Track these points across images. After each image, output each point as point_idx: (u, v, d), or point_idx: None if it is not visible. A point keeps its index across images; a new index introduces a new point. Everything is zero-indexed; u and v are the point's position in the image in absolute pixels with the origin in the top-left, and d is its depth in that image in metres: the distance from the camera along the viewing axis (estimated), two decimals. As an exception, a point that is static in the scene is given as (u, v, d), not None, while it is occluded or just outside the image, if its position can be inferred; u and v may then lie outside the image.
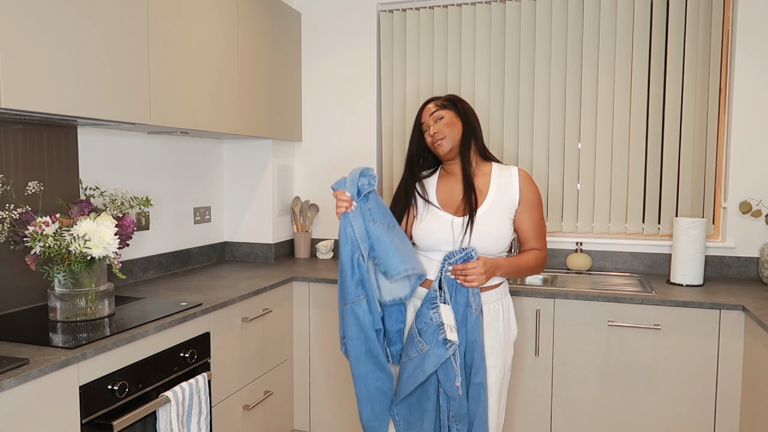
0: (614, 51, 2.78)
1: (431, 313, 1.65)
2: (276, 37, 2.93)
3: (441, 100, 1.85)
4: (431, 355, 1.62)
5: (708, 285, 2.47)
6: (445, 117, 1.82)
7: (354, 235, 1.67)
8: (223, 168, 3.15)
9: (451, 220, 1.77)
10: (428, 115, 1.84)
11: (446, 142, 1.80)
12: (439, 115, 1.82)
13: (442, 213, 1.79)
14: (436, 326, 1.63)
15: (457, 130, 1.81)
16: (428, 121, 1.83)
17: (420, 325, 1.67)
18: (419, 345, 1.65)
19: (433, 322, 1.63)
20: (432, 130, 1.81)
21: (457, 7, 2.98)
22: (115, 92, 1.88)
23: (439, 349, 1.61)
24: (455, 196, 1.81)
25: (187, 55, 2.24)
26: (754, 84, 2.59)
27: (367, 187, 1.70)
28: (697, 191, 2.74)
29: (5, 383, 1.29)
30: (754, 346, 2.05)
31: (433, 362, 1.62)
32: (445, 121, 1.81)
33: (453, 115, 1.82)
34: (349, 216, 1.68)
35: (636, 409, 2.28)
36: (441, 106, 1.84)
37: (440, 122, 1.81)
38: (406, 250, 1.69)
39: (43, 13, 1.62)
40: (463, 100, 1.88)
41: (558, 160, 2.89)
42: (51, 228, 1.72)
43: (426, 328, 1.64)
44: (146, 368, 1.74)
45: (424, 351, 1.63)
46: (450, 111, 1.83)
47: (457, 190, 1.82)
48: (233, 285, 2.44)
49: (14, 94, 1.54)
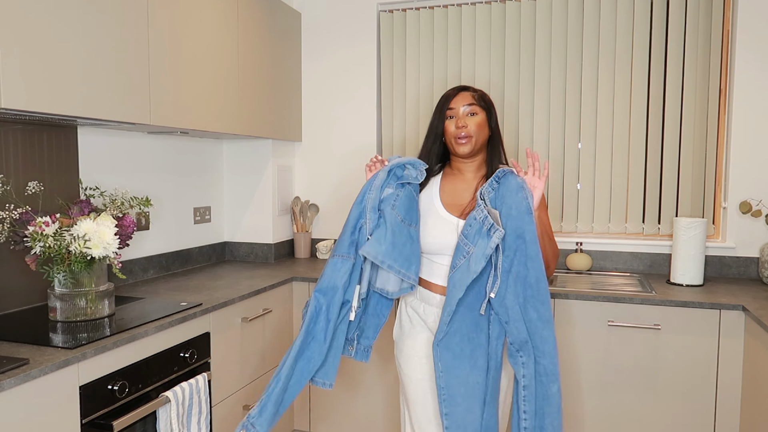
0: (614, 51, 2.78)
1: (475, 213, 1.56)
2: (276, 37, 2.93)
3: (478, 95, 1.72)
4: (477, 251, 1.52)
5: (708, 285, 2.47)
6: (478, 115, 1.70)
7: (365, 202, 1.63)
8: (223, 168, 3.15)
9: (456, 223, 1.66)
10: (462, 103, 1.70)
11: (471, 143, 1.68)
12: (473, 110, 1.69)
13: (446, 215, 1.69)
14: (480, 223, 1.54)
15: (484, 136, 1.71)
16: (459, 110, 1.70)
17: (466, 231, 1.57)
18: (465, 248, 1.55)
19: (477, 220, 1.55)
20: (461, 122, 1.68)
21: (457, 7, 2.98)
22: (115, 92, 1.88)
23: (484, 240, 1.52)
24: (461, 197, 1.71)
25: (187, 55, 2.24)
26: (754, 84, 2.59)
27: (408, 178, 1.66)
28: (697, 191, 2.74)
29: (5, 383, 1.29)
30: (754, 346, 2.05)
31: (479, 258, 1.51)
32: (476, 120, 1.69)
33: (485, 118, 1.71)
34: (373, 180, 1.65)
35: (636, 409, 2.28)
36: (477, 101, 1.71)
37: (472, 118, 1.69)
38: (408, 251, 1.61)
39: (43, 13, 1.62)
40: (491, 101, 1.77)
41: (558, 160, 2.89)
42: (51, 228, 1.72)
43: (470, 229, 1.56)
44: (146, 368, 1.74)
45: (470, 253, 1.53)
46: (484, 112, 1.71)
47: (464, 191, 1.72)
48: (233, 285, 2.44)
49: (14, 94, 1.54)
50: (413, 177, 1.67)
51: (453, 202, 1.71)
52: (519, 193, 1.55)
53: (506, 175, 1.59)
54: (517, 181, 1.57)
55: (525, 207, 1.54)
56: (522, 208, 1.53)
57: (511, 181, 1.58)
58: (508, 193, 1.56)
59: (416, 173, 1.67)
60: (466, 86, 1.75)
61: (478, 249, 1.52)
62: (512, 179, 1.58)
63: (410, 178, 1.66)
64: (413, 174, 1.67)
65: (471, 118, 1.68)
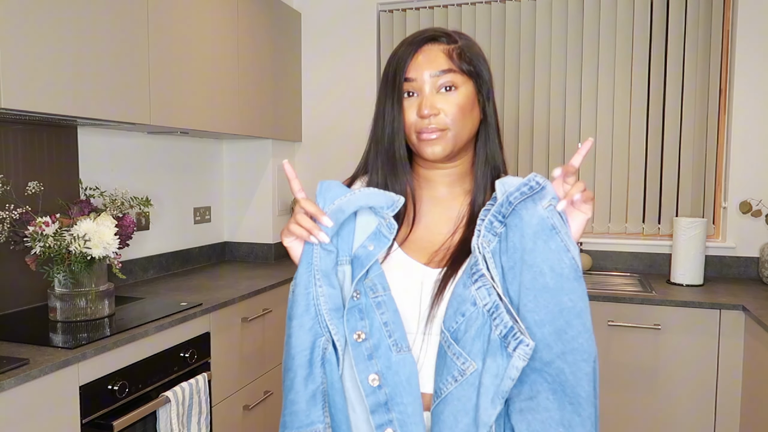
0: (614, 51, 2.78)
1: (472, 291, 0.85)
2: (276, 37, 2.93)
3: (456, 48, 0.95)
4: (487, 379, 0.83)
5: (708, 285, 2.47)
6: (458, 89, 0.94)
7: (317, 301, 0.89)
8: (223, 168, 3.15)
9: (422, 274, 0.95)
10: (428, 69, 0.94)
11: (445, 141, 0.94)
12: (449, 80, 0.94)
13: (406, 259, 0.97)
14: (483, 315, 0.84)
15: (470, 125, 0.96)
16: (423, 82, 0.94)
17: (452, 325, 0.87)
18: (458, 363, 0.85)
19: (477, 308, 0.85)
20: (427, 105, 0.93)
21: (457, 7, 2.98)
22: (115, 92, 1.88)
23: (496, 357, 0.83)
24: (433, 231, 0.99)
25: (187, 55, 2.24)
26: (754, 84, 2.59)
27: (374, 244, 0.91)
28: (697, 191, 2.74)
29: (5, 383, 1.29)
30: (754, 346, 2.04)
31: (493, 395, 0.82)
32: (456, 99, 0.94)
33: (471, 93, 0.96)
34: (313, 255, 0.91)
35: (636, 409, 2.28)
36: (457, 62, 0.95)
37: (447, 96, 0.94)
38: None
39: (43, 13, 1.62)
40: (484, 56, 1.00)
41: (558, 160, 2.88)
42: (51, 228, 1.72)
43: (463, 326, 0.85)
44: (146, 368, 1.74)
45: (469, 372, 0.84)
46: (470, 81, 0.96)
47: (439, 220, 1.01)
48: (233, 285, 2.43)
49: (14, 94, 1.54)
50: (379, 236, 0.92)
51: (420, 238, 0.99)
52: (552, 240, 0.83)
53: (523, 201, 0.86)
54: (544, 215, 0.84)
55: (568, 266, 0.83)
56: (563, 269, 0.82)
57: (534, 214, 0.85)
58: (529, 240, 0.84)
59: (383, 227, 0.92)
60: (436, 33, 0.96)
61: (487, 374, 0.83)
62: (533, 209, 0.85)
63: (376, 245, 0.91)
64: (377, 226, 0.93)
65: (445, 96, 0.94)
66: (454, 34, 0.97)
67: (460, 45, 0.96)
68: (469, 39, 0.99)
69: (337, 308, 0.89)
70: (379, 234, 0.91)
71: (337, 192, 0.94)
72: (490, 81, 1.01)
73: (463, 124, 0.95)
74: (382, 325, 0.88)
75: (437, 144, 0.94)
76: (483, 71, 0.98)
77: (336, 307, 0.89)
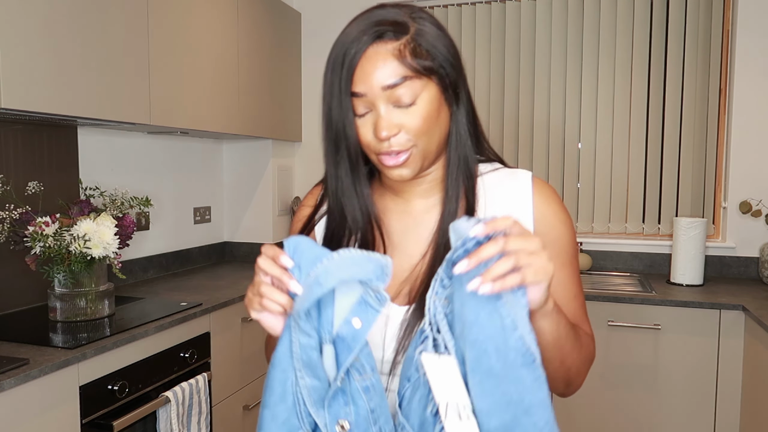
0: (614, 51, 2.78)
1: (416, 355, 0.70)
2: (276, 37, 2.93)
3: (408, 45, 0.77)
4: None
5: (708, 285, 2.47)
6: (419, 101, 0.77)
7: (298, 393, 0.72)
8: (223, 168, 3.15)
9: (387, 310, 0.81)
10: (377, 81, 0.76)
11: (412, 161, 0.79)
12: (406, 90, 0.76)
13: None
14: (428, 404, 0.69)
15: (439, 132, 0.80)
16: (375, 96, 0.76)
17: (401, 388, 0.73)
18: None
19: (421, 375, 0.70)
20: (383, 126, 0.76)
21: (457, 7, 2.98)
22: (115, 92, 1.88)
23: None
24: (403, 254, 0.85)
25: (187, 55, 2.24)
26: (754, 84, 2.59)
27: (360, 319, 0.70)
28: (697, 191, 2.74)
29: (5, 383, 1.29)
30: (754, 346, 2.04)
31: None
32: (419, 112, 0.77)
33: (435, 92, 0.78)
34: (292, 341, 0.72)
35: (636, 409, 2.28)
36: (410, 64, 0.76)
37: (407, 112, 0.77)
38: None
39: (43, 13, 1.62)
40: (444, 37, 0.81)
41: (558, 160, 2.89)
42: (51, 228, 1.72)
43: (411, 390, 0.71)
44: (146, 368, 1.74)
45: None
46: (431, 80, 0.78)
47: (410, 239, 0.86)
48: (233, 285, 2.43)
49: (14, 94, 1.54)
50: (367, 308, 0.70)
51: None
52: (496, 314, 0.65)
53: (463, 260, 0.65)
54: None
55: (515, 349, 0.64)
56: (508, 352, 0.64)
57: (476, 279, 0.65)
58: (470, 311, 0.65)
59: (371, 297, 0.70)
60: (381, 27, 0.78)
61: None
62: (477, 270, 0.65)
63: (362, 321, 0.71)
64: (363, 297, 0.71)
65: (404, 111, 0.76)
66: (402, 20, 0.78)
67: (412, 35, 0.77)
68: (422, 18, 0.79)
69: (321, 399, 0.72)
70: (366, 305, 0.70)
71: (311, 254, 0.71)
72: (457, 67, 0.81)
73: (430, 136, 0.79)
74: (369, 412, 0.73)
75: (403, 167, 0.79)
76: (444, 61, 0.79)
77: (321, 398, 0.72)
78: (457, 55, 0.83)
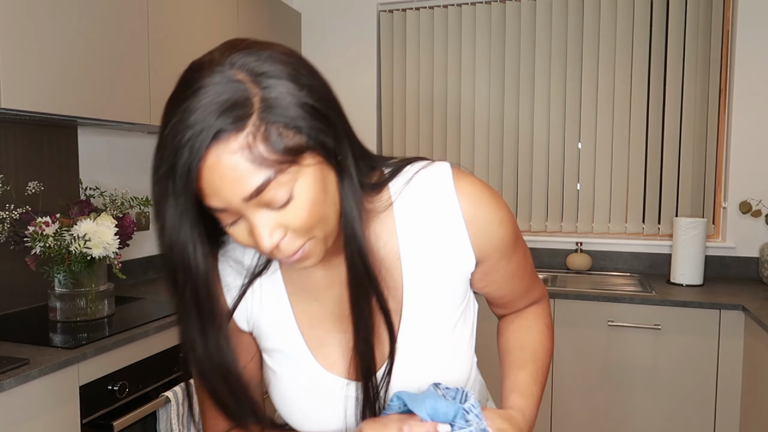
0: (614, 51, 2.78)
1: None
2: (276, 37, 2.93)
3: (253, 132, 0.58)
4: None
5: (708, 285, 2.47)
6: (293, 187, 0.61)
7: None
8: (223, 168, 3.14)
9: (344, 385, 0.78)
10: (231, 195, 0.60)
11: (314, 249, 0.67)
12: (272, 196, 0.60)
13: (318, 371, 0.79)
14: None
15: (332, 198, 0.66)
16: (237, 208, 0.61)
17: None
18: None
19: None
20: (263, 237, 0.62)
21: (457, 7, 2.98)
22: (115, 92, 1.88)
23: None
24: (333, 324, 0.78)
25: (187, 55, 2.23)
26: (754, 84, 2.59)
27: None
28: (697, 191, 2.74)
29: (5, 383, 1.29)
30: (754, 346, 2.05)
31: None
32: (300, 204, 0.62)
33: (312, 168, 0.63)
34: None
35: (636, 409, 2.28)
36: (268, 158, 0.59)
37: (283, 211, 0.62)
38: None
39: (43, 14, 1.62)
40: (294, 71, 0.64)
41: (558, 160, 2.89)
42: (51, 228, 1.72)
43: None
44: (146, 368, 1.73)
45: None
46: (299, 160, 0.61)
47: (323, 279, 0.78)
48: (233, 285, 2.43)
49: (14, 94, 1.54)
50: None
51: (319, 329, 0.79)
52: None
53: None
54: None
55: None
56: None
57: None
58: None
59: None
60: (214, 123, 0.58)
61: None
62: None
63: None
64: None
65: (284, 212, 0.62)
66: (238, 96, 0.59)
67: (259, 114, 0.58)
68: (264, 75, 0.61)
69: None
70: None
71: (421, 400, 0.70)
72: (332, 116, 0.65)
73: (325, 221, 0.65)
74: None
75: (305, 260, 0.67)
76: (312, 125, 0.61)
77: None
78: (328, 96, 0.66)
